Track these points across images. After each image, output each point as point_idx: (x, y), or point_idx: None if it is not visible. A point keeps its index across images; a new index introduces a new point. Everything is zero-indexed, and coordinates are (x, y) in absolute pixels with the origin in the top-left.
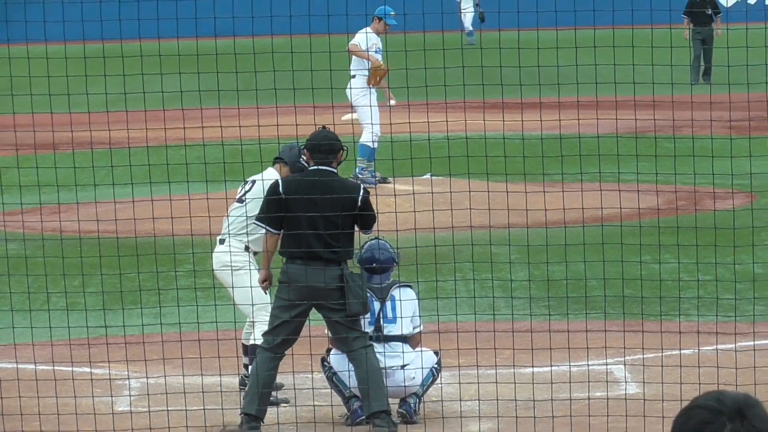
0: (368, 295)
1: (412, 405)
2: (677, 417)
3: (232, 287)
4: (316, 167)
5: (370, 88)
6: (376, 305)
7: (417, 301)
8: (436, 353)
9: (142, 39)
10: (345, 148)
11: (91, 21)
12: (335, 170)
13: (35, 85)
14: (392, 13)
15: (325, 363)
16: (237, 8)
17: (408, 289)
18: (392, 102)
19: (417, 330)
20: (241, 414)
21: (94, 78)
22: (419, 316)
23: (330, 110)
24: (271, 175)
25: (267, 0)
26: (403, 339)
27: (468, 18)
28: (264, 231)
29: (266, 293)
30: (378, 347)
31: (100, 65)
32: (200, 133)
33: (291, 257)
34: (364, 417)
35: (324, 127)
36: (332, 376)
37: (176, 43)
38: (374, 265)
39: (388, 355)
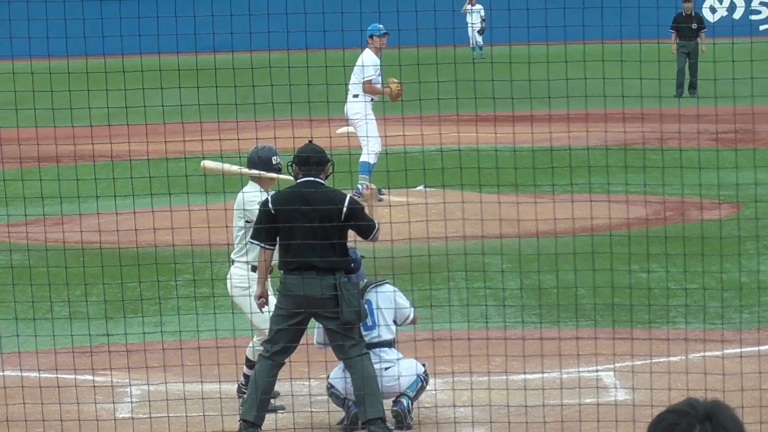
0: None
1: (405, 404)
2: (651, 422)
3: (240, 309)
4: (304, 179)
5: (371, 101)
6: None
7: (395, 293)
8: (423, 365)
9: (142, 54)
10: (332, 161)
11: (93, 37)
12: (323, 182)
13: (38, 99)
14: (379, 26)
15: (328, 383)
16: (235, 24)
17: (383, 286)
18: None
19: (409, 317)
20: (239, 420)
21: (96, 92)
22: (408, 308)
23: (326, 123)
24: (251, 187)
25: (264, 16)
26: (387, 344)
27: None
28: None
29: (262, 310)
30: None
31: (101, 80)
32: (200, 146)
33: (288, 268)
34: (357, 411)
35: (311, 142)
36: (330, 388)
37: (176, 59)
38: None
39: (381, 359)
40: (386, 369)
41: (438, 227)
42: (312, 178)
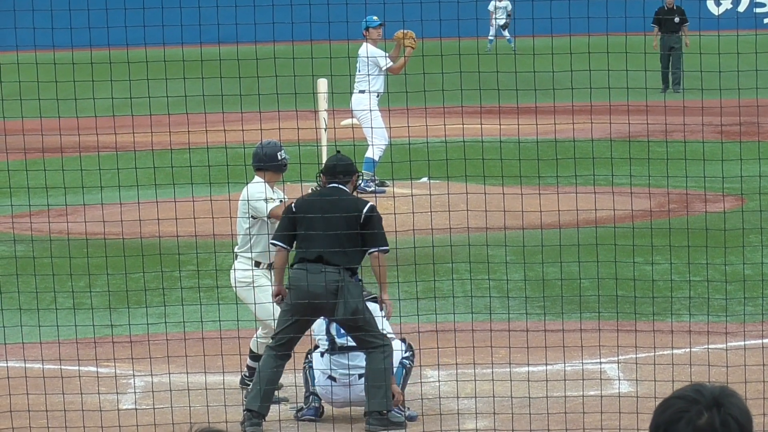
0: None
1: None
2: (657, 408)
3: (244, 303)
4: (329, 186)
5: (377, 95)
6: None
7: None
8: (403, 341)
9: (147, 46)
10: (360, 173)
11: (97, 28)
12: (348, 190)
13: (43, 90)
14: (374, 17)
15: (308, 357)
16: (240, 16)
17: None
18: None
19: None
20: (244, 411)
21: (101, 83)
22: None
23: (331, 115)
24: (257, 181)
25: (269, 8)
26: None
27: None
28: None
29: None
30: (341, 358)
31: (106, 71)
32: (204, 138)
33: (297, 261)
34: (311, 417)
35: (338, 152)
36: (308, 369)
37: (181, 50)
38: None
39: (350, 366)
40: (357, 377)
41: (442, 219)
42: (337, 185)
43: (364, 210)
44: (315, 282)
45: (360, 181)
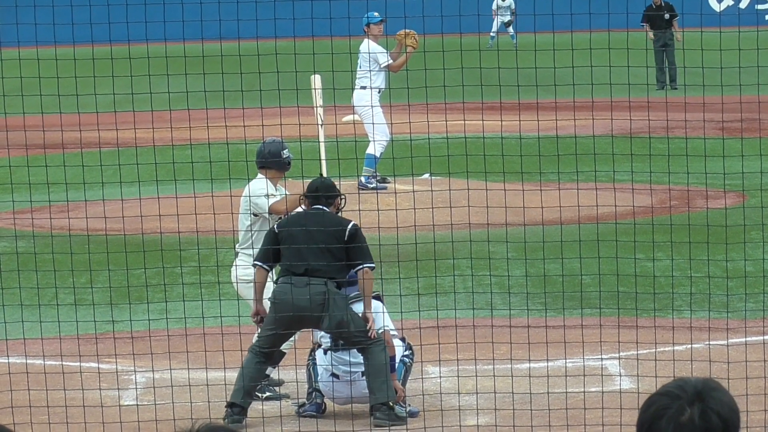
0: None
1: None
2: (642, 405)
3: (245, 300)
4: (313, 207)
5: (378, 91)
6: None
7: (381, 310)
8: (403, 340)
9: (149, 41)
10: (343, 196)
11: (99, 23)
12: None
13: (44, 86)
14: (375, 13)
15: (312, 354)
16: (242, 12)
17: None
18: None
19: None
20: (226, 407)
21: (102, 79)
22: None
23: (332, 111)
24: (259, 178)
25: (271, 4)
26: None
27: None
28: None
29: (259, 327)
30: (344, 355)
31: (107, 67)
32: (205, 134)
33: (281, 275)
34: (313, 413)
35: (321, 176)
36: (312, 366)
37: (182, 46)
38: None
39: (352, 363)
40: (360, 374)
41: (443, 215)
42: (320, 207)
43: (348, 227)
44: (300, 295)
45: (343, 204)
